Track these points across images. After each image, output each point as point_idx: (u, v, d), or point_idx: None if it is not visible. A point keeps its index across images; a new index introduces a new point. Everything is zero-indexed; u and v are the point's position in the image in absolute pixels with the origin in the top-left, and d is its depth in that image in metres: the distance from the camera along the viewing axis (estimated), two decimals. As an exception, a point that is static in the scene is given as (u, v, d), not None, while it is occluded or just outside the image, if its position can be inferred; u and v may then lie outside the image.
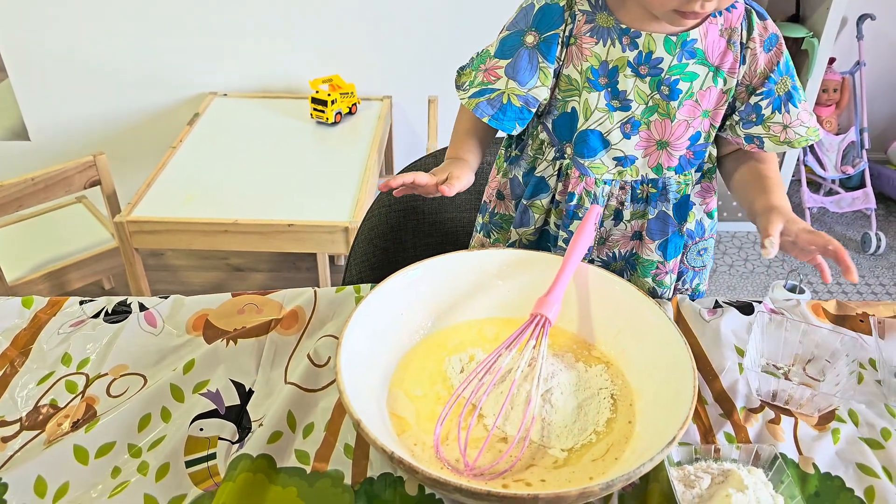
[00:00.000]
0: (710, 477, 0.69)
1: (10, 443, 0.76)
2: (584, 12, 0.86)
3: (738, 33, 0.86)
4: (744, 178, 0.94)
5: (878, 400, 0.83)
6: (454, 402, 0.73)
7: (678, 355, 0.72)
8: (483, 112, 0.90)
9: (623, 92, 0.87)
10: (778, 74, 0.87)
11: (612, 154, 0.92)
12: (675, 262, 1.00)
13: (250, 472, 0.71)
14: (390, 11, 2.31)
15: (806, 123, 0.89)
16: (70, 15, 2.27)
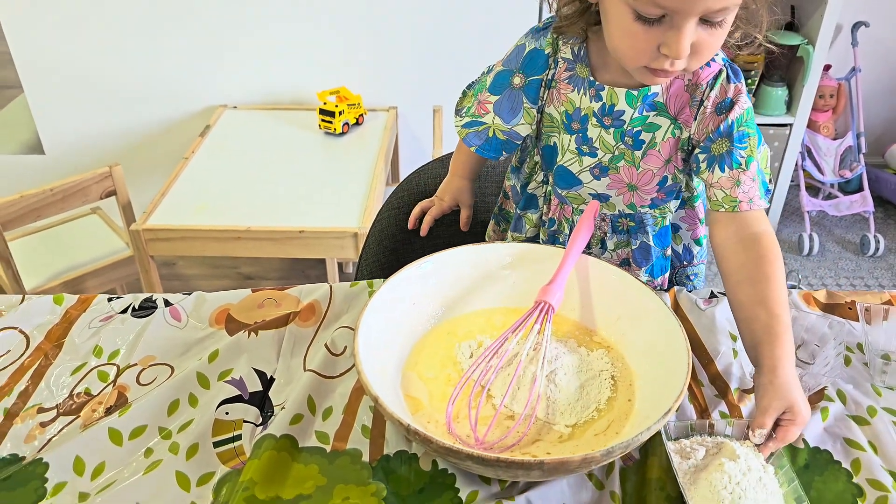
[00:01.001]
0: (704, 449, 0.74)
1: (48, 427, 0.81)
2: (566, 60, 0.91)
3: (700, 90, 0.88)
4: (741, 292, 0.85)
5: (864, 380, 0.88)
6: (464, 384, 0.78)
7: (673, 337, 0.77)
8: (471, 142, 1.00)
9: (591, 139, 0.93)
10: (717, 135, 0.87)
11: (587, 190, 0.97)
12: (663, 278, 1.05)
13: (274, 451, 0.76)
14: (395, 25, 2.37)
15: (725, 189, 0.88)
16: (84, 32, 2.34)
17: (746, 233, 0.87)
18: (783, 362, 0.76)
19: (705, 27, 0.74)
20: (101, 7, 2.30)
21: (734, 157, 0.87)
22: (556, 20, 0.89)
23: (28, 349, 0.92)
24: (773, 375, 0.76)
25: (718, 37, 0.76)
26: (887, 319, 0.93)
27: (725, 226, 0.89)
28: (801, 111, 2.46)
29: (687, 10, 0.71)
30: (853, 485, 0.75)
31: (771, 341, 0.78)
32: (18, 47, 2.35)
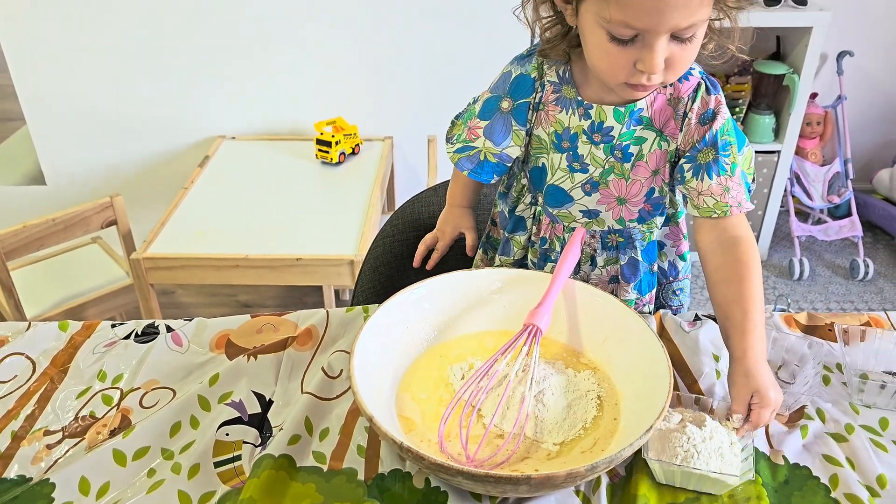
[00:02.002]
0: (681, 416, 0.80)
1: (53, 449, 0.84)
2: (552, 83, 0.96)
3: (683, 103, 0.93)
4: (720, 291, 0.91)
5: (843, 399, 0.91)
6: (456, 404, 0.81)
7: (656, 357, 0.81)
8: (463, 167, 1.04)
9: (581, 156, 0.97)
10: (703, 144, 0.92)
11: (577, 206, 1.02)
12: (650, 294, 1.09)
13: (273, 470, 0.79)
14: (390, 57, 2.43)
15: (715, 196, 0.92)
16: (86, 65, 2.39)
17: (727, 236, 0.93)
18: (750, 353, 0.83)
19: (677, 42, 0.79)
20: (103, 42, 2.36)
21: (720, 165, 0.92)
22: (540, 45, 0.94)
23: (34, 374, 0.95)
24: (740, 365, 0.83)
25: (691, 50, 0.81)
26: (865, 340, 0.96)
27: (709, 230, 0.95)
28: (789, 138, 2.52)
29: (656, 30, 0.77)
30: (831, 499, 0.78)
31: (742, 335, 0.85)
32: (22, 81, 2.41)
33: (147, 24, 2.34)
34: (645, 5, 0.74)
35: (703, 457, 0.75)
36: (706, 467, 0.74)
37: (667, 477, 0.77)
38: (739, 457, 0.77)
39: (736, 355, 0.85)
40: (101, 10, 2.31)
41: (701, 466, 0.74)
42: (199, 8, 2.32)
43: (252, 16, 2.35)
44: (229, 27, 2.36)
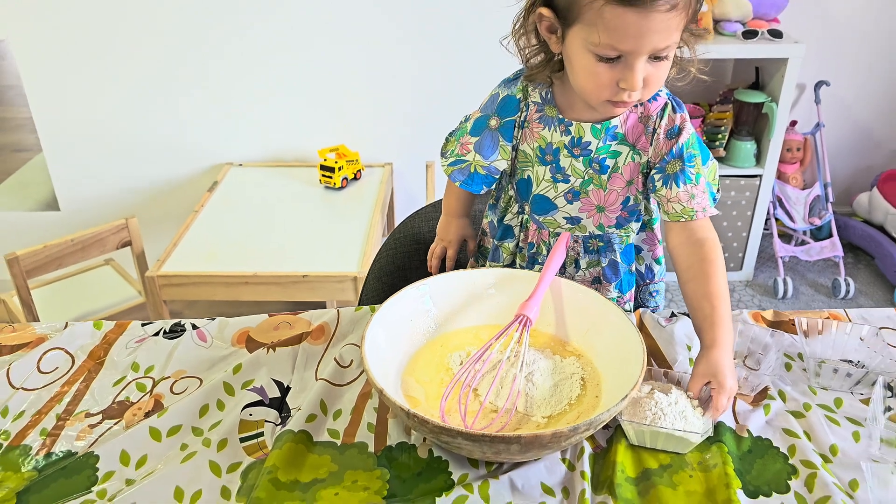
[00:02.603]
0: (651, 387, 0.90)
1: (95, 428, 0.94)
2: (536, 103, 1.08)
3: (652, 120, 1.05)
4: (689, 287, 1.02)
5: (802, 382, 1.01)
6: (454, 384, 0.91)
7: (632, 341, 0.91)
8: (456, 178, 1.16)
9: (563, 168, 1.09)
10: (670, 157, 1.04)
11: (561, 214, 1.13)
12: (630, 293, 1.20)
13: (293, 443, 0.89)
14: (390, 89, 2.57)
15: (682, 202, 1.04)
16: (101, 97, 2.52)
17: (694, 238, 1.04)
18: (717, 342, 0.93)
19: (653, 62, 0.91)
20: (117, 74, 2.49)
21: (686, 175, 1.04)
22: (526, 70, 1.07)
23: (73, 366, 1.05)
24: (707, 352, 0.94)
25: (663, 69, 0.94)
26: (822, 333, 1.07)
27: (678, 233, 1.06)
28: (769, 163, 2.64)
29: (638, 51, 0.89)
30: (789, 465, 0.88)
31: (710, 327, 0.96)
32: (39, 111, 2.53)
33: (159, 58, 2.48)
34: (629, 30, 0.86)
35: (668, 418, 0.85)
36: (671, 426, 0.85)
37: (638, 438, 0.87)
38: (701, 420, 0.87)
39: (705, 344, 0.96)
40: (115, 44, 2.44)
41: (667, 426, 0.85)
42: (209, 43, 2.46)
43: (259, 51, 2.49)
44: (237, 60, 2.50)
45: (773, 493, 0.84)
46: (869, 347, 1.03)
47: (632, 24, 0.86)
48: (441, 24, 2.49)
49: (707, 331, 0.96)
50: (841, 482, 0.85)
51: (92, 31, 2.42)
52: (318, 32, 2.48)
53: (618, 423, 0.91)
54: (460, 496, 0.82)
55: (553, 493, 0.83)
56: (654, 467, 0.87)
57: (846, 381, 0.99)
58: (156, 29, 2.43)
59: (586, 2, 0.88)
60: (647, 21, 0.86)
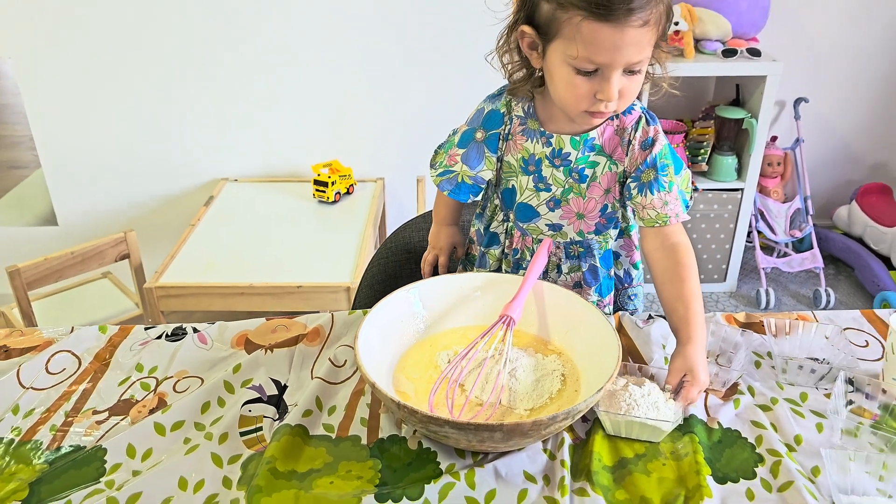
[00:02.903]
0: (626, 380, 0.96)
1: (102, 424, 0.99)
2: (519, 117, 1.15)
3: (627, 132, 1.12)
4: (665, 289, 1.09)
5: (770, 379, 1.07)
6: (442, 380, 0.97)
7: (608, 339, 0.97)
8: (444, 188, 1.23)
9: (545, 177, 1.16)
10: (645, 166, 1.11)
11: (543, 221, 1.20)
12: (609, 296, 1.27)
13: (290, 436, 0.94)
14: (382, 106, 2.65)
15: (657, 209, 1.10)
16: (100, 115, 2.59)
17: (668, 242, 1.11)
18: (692, 340, 1.01)
19: (627, 75, 0.99)
20: (115, 93, 2.55)
21: (660, 183, 1.11)
22: (509, 85, 1.14)
23: (80, 367, 1.10)
24: (682, 348, 1.01)
25: (637, 82, 1.01)
26: (790, 333, 1.13)
27: (653, 238, 1.13)
28: (750, 177, 2.72)
29: (614, 65, 0.96)
30: (756, 454, 0.94)
31: (685, 326, 1.03)
32: (39, 128, 2.59)
33: (156, 77, 2.55)
34: (605, 44, 0.94)
35: (641, 409, 0.91)
36: (644, 416, 0.91)
37: (614, 428, 0.93)
38: (672, 410, 0.94)
39: (681, 341, 1.03)
40: (113, 63, 2.51)
41: (640, 415, 0.91)
42: (205, 62, 2.53)
43: (254, 69, 2.56)
44: (232, 78, 2.57)
45: (741, 479, 0.90)
46: (833, 346, 1.10)
47: (607, 38, 0.94)
48: (431, 46, 2.57)
49: (682, 329, 1.03)
50: (804, 469, 0.91)
51: (91, 51, 2.49)
52: (311, 52, 2.55)
53: (596, 415, 0.97)
54: (448, 483, 0.88)
55: (535, 479, 0.89)
56: (630, 456, 0.93)
57: (811, 376, 1.06)
58: (153, 49, 2.50)
59: (565, 18, 0.95)
60: (622, 35, 0.93)
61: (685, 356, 1.00)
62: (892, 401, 1.00)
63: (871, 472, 0.88)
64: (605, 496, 0.86)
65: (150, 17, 2.45)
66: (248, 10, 2.47)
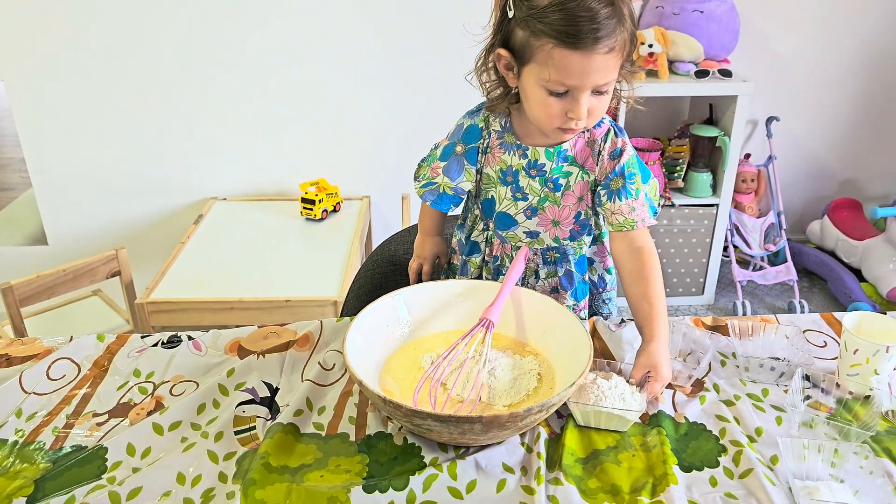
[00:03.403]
0: (595, 375, 1.03)
1: (102, 426, 1.04)
2: (497, 131, 1.23)
3: (598, 144, 1.20)
4: (631, 290, 1.17)
5: (734, 377, 1.14)
6: (425, 379, 1.03)
7: (581, 341, 1.04)
8: (426, 198, 1.30)
9: (522, 187, 1.23)
10: (614, 175, 1.18)
11: (521, 229, 1.27)
12: (585, 301, 1.34)
13: (282, 434, 1.00)
14: (368, 126, 2.72)
15: (624, 214, 1.18)
16: (91, 136, 2.64)
17: (635, 246, 1.19)
18: (655, 337, 1.09)
19: (595, 95, 1.07)
20: (106, 114, 2.61)
21: (627, 190, 1.19)
22: (487, 102, 1.21)
23: (80, 374, 1.15)
24: (647, 345, 1.09)
25: (605, 101, 1.09)
26: (752, 335, 1.20)
27: (620, 241, 1.21)
28: (725, 193, 2.81)
29: (583, 87, 1.04)
30: (719, 444, 1.00)
31: (649, 324, 1.11)
32: (31, 152, 2.64)
33: (145, 98, 2.61)
34: (574, 69, 1.02)
35: (609, 400, 0.98)
36: (611, 406, 0.97)
37: (584, 418, 1.00)
38: (637, 401, 1.00)
39: (645, 338, 1.10)
40: (104, 85, 2.57)
41: (607, 405, 0.97)
42: (194, 83, 2.60)
43: (242, 90, 2.63)
44: (220, 99, 2.64)
45: (705, 467, 0.96)
46: (793, 346, 1.17)
47: (576, 64, 1.02)
48: (416, 69, 2.65)
49: (646, 327, 1.11)
50: (763, 457, 0.98)
51: (81, 73, 2.54)
52: (299, 74, 2.63)
53: (568, 412, 1.03)
54: (431, 475, 0.93)
55: (513, 470, 0.95)
56: (602, 448, 0.99)
57: (771, 374, 1.13)
58: (142, 70, 2.56)
59: (538, 45, 1.03)
60: (589, 61, 1.01)
61: (649, 353, 1.07)
62: (845, 395, 1.07)
63: (825, 460, 0.94)
64: (578, 485, 0.92)
65: (139, 39, 2.52)
66: (237, 32, 2.55)
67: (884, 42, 2.98)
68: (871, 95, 3.10)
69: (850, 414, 1.05)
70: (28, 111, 2.59)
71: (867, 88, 3.08)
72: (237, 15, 2.53)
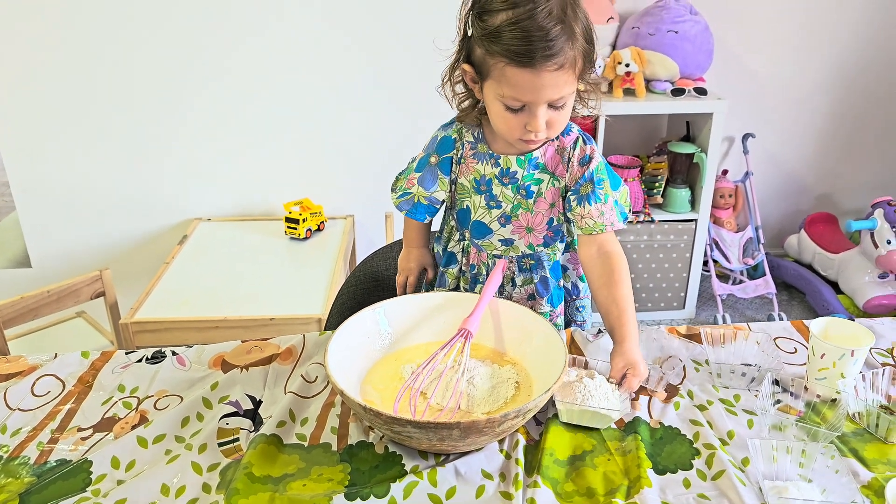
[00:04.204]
0: (577, 372, 1.08)
1: (87, 440, 1.05)
2: (469, 142, 1.27)
3: (567, 151, 1.24)
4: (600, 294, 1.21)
5: (707, 383, 1.17)
6: (405, 389, 1.05)
7: (557, 349, 1.07)
8: (402, 208, 1.33)
9: (496, 196, 1.27)
10: (583, 180, 1.23)
11: (496, 237, 1.31)
12: (560, 307, 1.37)
13: (266, 444, 1.02)
14: (352, 146, 2.75)
15: (594, 218, 1.22)
16: (75, 158, 2.65)
17: (603, 250, 1.23)
18: (627, 338, 1.13)
19: (553, 109, 1.11)
20: (89, 137, 2.63)
21: (596, 195, 1.23)
22: (458, 114, 1.26)
23: (64, 390, 1.17)
24: (620, 346, 1.12)
25: (564, 114, 1.13)
26: (724, 343, 1.23)
27: (589, 246, 1.24)
28: (703, 208, 2.87)
29: (537, 102, 1.09)
30: (693, 448, 1.03)
31: (620, 326, 1.15)
32: (15, 174, 2.65)
33: (128, 120, 2.63)
34: (526, 86, 1.06)
35: (594, 399, 1.02)
36: (597, 405, 1.00)
37: (568, 416, 1.04)
38: (619, 400, 1.04)
39: (617, 340, 1.14)
40: (87, 106, 2.59)
41: (594, 405, 1.00)
42: (177, 105, 2.63)
43: (225, 111, 2.65)
44: (203, 119, 2.66)
45: (679, 470, 0.99)
46: (764, 352, 1.20)
47: (527, 81, 1.07)
48: (398, 89, 2.69)
49: (617, 329, 1.15)
50: (735, 460, 1.00)
51: (64, 93, 2.56)
52: (282, 94, 2.66)
53: (548, 418, 1.06)
54: (412, 482, 0.95)
55: (491, 477, 0.97)
56: (579, 453, 1.01)
57: (742, 379, 1.16)
58: (125, 90, 2.59)
59: (492, 63, 1.08)
60: (539, 79, 1.06)
61: (623, 353, 1.11)
62: (814, 398, 1.10)
63: (793, 460, 0.97)
64: (555, 488, 0.95)
65: (122, 61, 2.54)
66: (220, 53, 2.58)
67: (854, 60, 3.07)
68: (842, 112, 3.18)
69: (819, 416, 1.09)
70: (10, 133, 2.60)
71: (838, 106, 3.16)
72: (220, 36, 2.56)
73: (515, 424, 0.97)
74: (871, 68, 3.09)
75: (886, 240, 2.81)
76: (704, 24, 2.74)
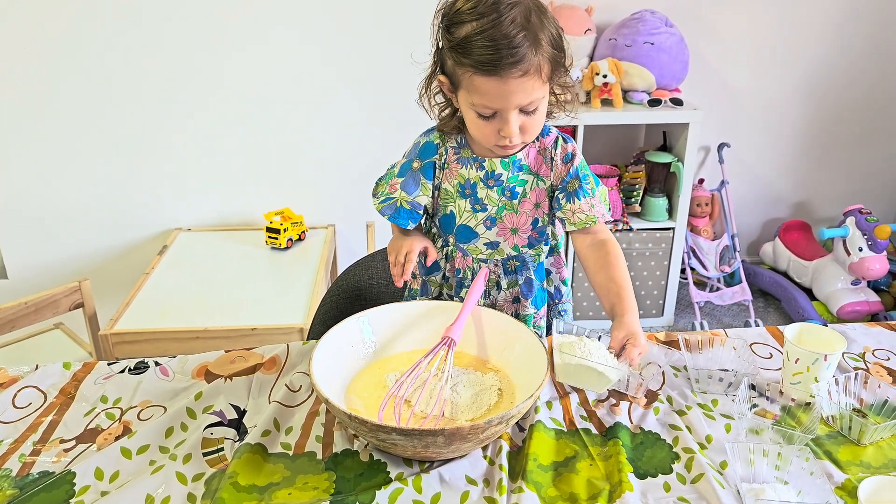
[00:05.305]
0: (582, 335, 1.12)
1: (69, 452, 1.05)
2: (453, 147, 1.29)
3: (549, 151, 1.28)
4: (598, 276, 1.26)
5: (686, 389, 1.20)
6: (389, 397, 1.06)
7: (538, 354, 1.08)
8: (385, 212, 1.33)
9: (481, 199, 1.29)
10: (569, 177, 1.27)
11: (482, 240, 1.32)
12: (543, 309, 1.39)
13: (251, 454, 1.02)
14: (333, 155, 2.76)
15: (585, 212, 1.26)
16: (50, 166, 2.64)
17: (598, 239, 1.29)
18: (626, 312, 1.17)
19: (525, 115, 1.14)
20: (66, 146, 2.61)
21: (584, 190, 1.27)
22: (438, 122, 1.29)
23: (46, 402, 1.16)
24: (620, 320, 1.17)
25: (537, 118, 1.16)
26: (701, 349, 1.26)
27: (583, 238, 1.30)
28: (680, 217, 2.91)
29: (507, 108, 1.12)
30: (672, 452, 1.05)
31: (620, 301, 1.20)
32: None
33: (107, 129, 2.62)
34: (493, 93, 1.10)
35: (595, 357, 1.06)
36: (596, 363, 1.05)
37: (565, 373, 1.10)
38: (612, 360, 1.09)
39: (617, 314, 1.18)
40: (64, 115, 2.58)
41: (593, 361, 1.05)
42: (156, 114, 2.62)
43: (205, 121, 2.66)
44: (183, 129, 2.66)
45: (659, 474, 1.01)
46: (740, 357, 1.23)
47: (494, 88, 1.10)
48: (377, 99, 2.71)
49: (617, 304, 1.19)
50: (714, 463, 1.03)
51: (40, 102, 2.55)
52: (262, 104, 2.67)
53: (531, 425, 1.07)
54: (397, 489, 0.96)
55: (476, 482, 0.98)
56: (561, 459, 1.03)
57: (720, 385, 1.18)
58: (103, 100, 2.58)
59: (462, 72, 1.12)
60: (506, 86, 1.09)
61: (625, 324, 1.15)
62: (789, 402, 1.13)
63: (770, 463, 0.99)
64: (539, 492, 0.96)
65: (99, 69, 2.54)
66: (199, 66, 2.58)
67: (826, 72, 3.13)
68: (815, 123, 3.24)
69: (794, 420, 1.11)
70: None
71: (812, 116, 3.22)
72: (200, 48, 2.56)
73: (499, 431, 0.99)
74: (843, 80, 3.16)
75: (858, 247, 2.87)
76: (679, 36, 2.79)
